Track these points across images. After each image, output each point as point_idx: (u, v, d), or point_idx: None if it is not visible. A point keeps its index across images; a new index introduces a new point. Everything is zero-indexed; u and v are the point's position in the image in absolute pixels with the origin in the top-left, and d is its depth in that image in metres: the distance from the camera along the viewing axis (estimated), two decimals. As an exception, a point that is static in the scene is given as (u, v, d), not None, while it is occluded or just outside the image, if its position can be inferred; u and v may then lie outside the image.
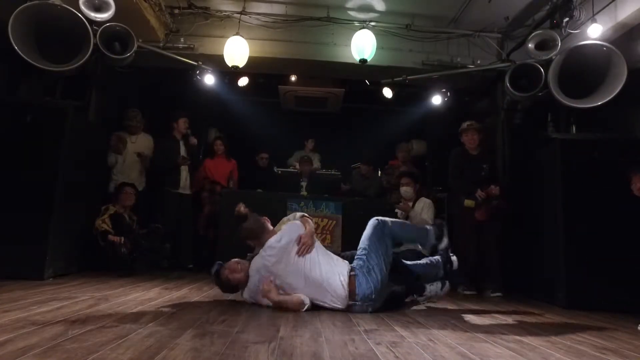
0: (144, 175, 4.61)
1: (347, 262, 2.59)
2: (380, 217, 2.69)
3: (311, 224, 2.65)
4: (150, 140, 4.71)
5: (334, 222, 4.46)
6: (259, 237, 2.59)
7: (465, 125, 4.08)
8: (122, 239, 3.79)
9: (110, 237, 3.76)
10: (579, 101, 3.62)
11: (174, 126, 4.66)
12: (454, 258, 2.81)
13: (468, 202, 3.84)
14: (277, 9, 4.50)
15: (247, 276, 2.56)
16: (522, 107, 4.55)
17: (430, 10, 4.44)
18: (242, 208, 2.78)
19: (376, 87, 5.27)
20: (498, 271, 3.86)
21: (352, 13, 4.54)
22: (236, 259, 2.65)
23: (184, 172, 4.62)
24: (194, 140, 4.78)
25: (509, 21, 4.42)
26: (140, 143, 4.60)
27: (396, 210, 4.08)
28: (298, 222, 2.64)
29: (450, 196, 4.25)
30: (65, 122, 3.30)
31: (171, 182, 4.51)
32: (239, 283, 2.56)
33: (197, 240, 4.78)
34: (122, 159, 4.47)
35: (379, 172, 5.66)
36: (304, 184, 5.13)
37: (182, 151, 4.62)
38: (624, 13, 3.59)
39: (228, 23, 4.53)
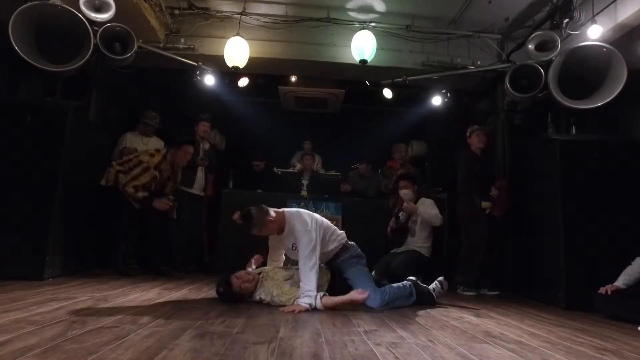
0: None
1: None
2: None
3: None
4: (162, 144, 4.65)
5: (334, 222, 4.45)
6: (265, 224, 2.65)
7: (472, 127, 4.13)
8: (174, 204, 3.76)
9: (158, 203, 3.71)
10: (579, 102, 3.63)
11: (194, 129, 4.71)
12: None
13: (485, 204, 3.87)
14: (277, 9, 4.50)
15: (256, 285, 2.67)
16: (522, 107, 4.55)
17: (431, 11, 4.44)
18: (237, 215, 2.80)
19: (376, 88, 5.27)
20: (494, 269, 3.91)
21: (352, 14, 4.55)
22: (243, 271, 2.74)
23: (200, 173, 4.64)
24: (206, 145, 4.79)
25: (509, 22, 4.42)
26: (152, 146, 4.54)
27: (400, 213, 4.03)
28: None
29: (457, 197, 4.20)
30: (65, 122, 3.30)
31: (186, 182, 4.53)
32: (249, 292, 2.65)
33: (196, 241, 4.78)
34: None
35: (379, 171, 5.65)
36: (305, 182, 5.10)
37: (201, 153, 4.66)
38: (624, 14, 3.59)
39: (228, 24, 4.54)
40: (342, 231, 2.96)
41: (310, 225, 2.64)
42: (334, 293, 2.68)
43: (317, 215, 2.79)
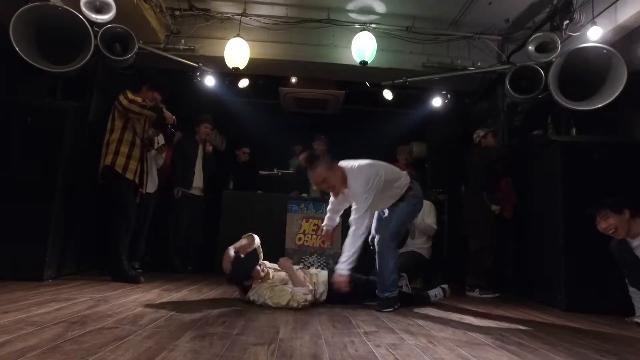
0: (157, 175, 4.39)
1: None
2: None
3: None
4: (161, 138, 4.44)
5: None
6: (332, 169, 2.67)
7: (482, 132, 4.13)
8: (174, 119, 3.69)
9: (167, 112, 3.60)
10: (579, 103, 3.62)
11: (195, 129, 4.68)
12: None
13: (495, 208, 3.88)
14: (277, 10, 4.51)
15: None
16: (523, 109, 4.55)
17: (431, 13, 4.44)
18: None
19: (376, 89, 5.27)
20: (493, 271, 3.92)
21: (352, 15, 4.55)
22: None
23: (198, 173, 4.62)
24: (208, 148, 4.77)
25: (509, 23, 4.42)
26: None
27: None
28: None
29: (467, 196, 4.18)
30: (66, 123, 3.31)
31: (184, 182, 4.52)
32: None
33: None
34: None
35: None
36: None
37: (200, 154, 4.64)
38: (624, 16, 3.59)
39: (229, 25, 4.54)
40: (404, 171, 2.97)
41: (370, 186, 2.59)
42: (335, 295, 2.70)
43: (379, 168, 2.72)
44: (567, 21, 3.63)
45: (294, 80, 5.72)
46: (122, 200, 3.47)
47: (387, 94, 5.29)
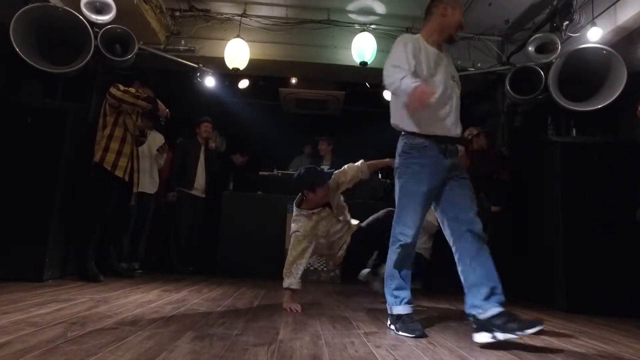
0: (157, 176, 4.38)
1: None
2: None
3: None
4: (162, 138, 4.48)
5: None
6: None
7: (475, 131, 4.08)
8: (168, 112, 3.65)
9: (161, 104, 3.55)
10: (579, 104, 3.63)
11: (196, 130, 4.70)
12: None
13: (495, 208, 3.89)
14: (277, 11, 4.51)
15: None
16: (523, 110, 4.55)
17: (431, 13, 4.44)
18: None
19: (377, 90, 5.28)
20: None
21: (352, 16, 4.56)
22: None
23: (200, 173, 4.61)
24: (212, 145, 4.78)
25: (509, 24, 4.42)
26: (152, 139, 4.33)
27: None
28: None
29: None
30: (66, 123, 3.31)
31: (185, 183, 4.52)
32: None
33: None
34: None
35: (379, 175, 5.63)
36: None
37: (202, 155, 4.65)
38: (624, 17, 3.60)
39: (229, 25, 4.55)
40: None
41: None
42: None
43: None
44: (567, 22, 3.63)
45: (294, 81, 5.73)
46: (105, 199, 3.42)
47: (387, 95, 5.28)
